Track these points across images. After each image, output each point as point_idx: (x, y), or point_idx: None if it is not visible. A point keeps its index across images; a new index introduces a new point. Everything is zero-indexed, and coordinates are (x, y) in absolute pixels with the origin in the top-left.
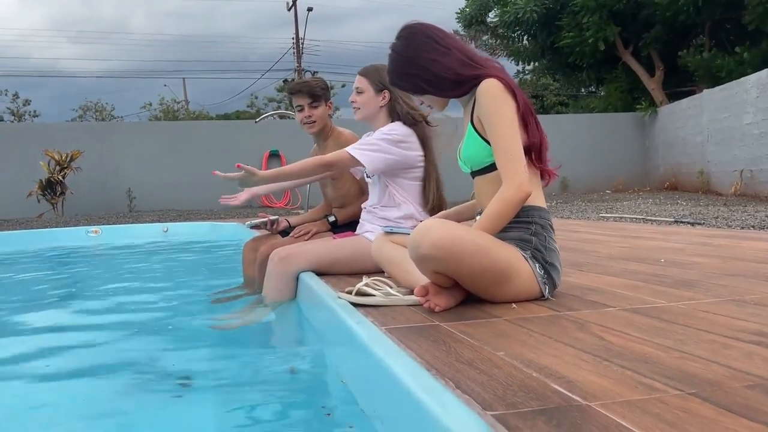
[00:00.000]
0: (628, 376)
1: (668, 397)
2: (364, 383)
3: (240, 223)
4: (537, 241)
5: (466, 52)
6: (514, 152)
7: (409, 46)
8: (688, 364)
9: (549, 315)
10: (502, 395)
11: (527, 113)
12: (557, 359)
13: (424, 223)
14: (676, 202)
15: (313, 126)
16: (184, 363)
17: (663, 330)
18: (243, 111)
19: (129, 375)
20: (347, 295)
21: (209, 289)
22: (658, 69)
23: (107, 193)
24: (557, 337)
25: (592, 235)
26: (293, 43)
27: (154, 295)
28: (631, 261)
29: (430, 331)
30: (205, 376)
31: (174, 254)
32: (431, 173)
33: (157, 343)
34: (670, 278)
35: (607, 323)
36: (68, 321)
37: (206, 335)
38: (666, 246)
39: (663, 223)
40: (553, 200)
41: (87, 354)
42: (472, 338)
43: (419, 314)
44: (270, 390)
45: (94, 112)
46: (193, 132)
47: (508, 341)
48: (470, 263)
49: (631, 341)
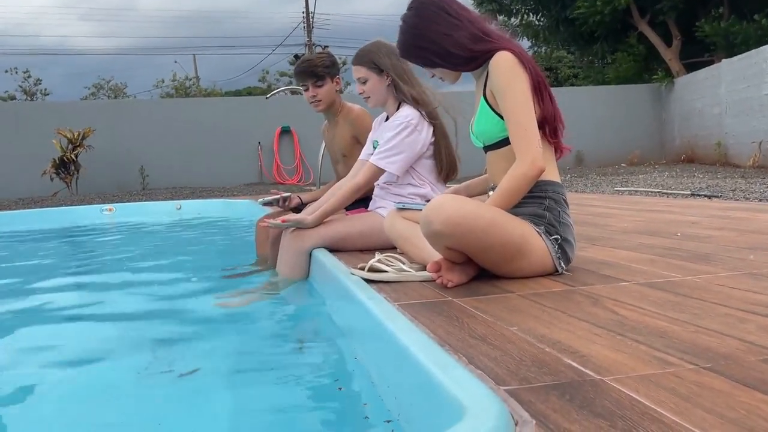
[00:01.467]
0: (642, 350)
1: (683, 371)
2: (377, 359)
3: (253, 200)
4: (551, 216)
5: (480, 25)
6: (528, 127)
7: (419, 17)
8: (702, 338)
9: (562, 290)
10: (515, 370)
11: (541, 86)
12: (571, 334)
13: (436, 199)
14: (693, 174)
15: (319, 105)
16: (194, 341)
17: (678, 304)
18: (254, 87)
19: (139, 355)
20: (360, 272)
21: (222, 267)
22: (675, 38)
23: (120, 171)
24: (571, 311)
25: (606, 209)
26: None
27: (167, 274)
28: (646, 235)
29: (442, 307)
30: (214, 353)
31: (187, 232)
32: (440, 143)
33: (168, 323)
34: (686, 252)
35: (622, 297)
36: (80, 300)
37: (217, 312)
38: (682, 219)
39: (679, 196)
40: (567, 174)
41: (97, 334)
42: (485, 314)
43: (432, 290)
44: (281, 366)
45: (107, 90)
46: (205, 109)
47: (521, 316)
48: (483, 239)
49: (645, 315)
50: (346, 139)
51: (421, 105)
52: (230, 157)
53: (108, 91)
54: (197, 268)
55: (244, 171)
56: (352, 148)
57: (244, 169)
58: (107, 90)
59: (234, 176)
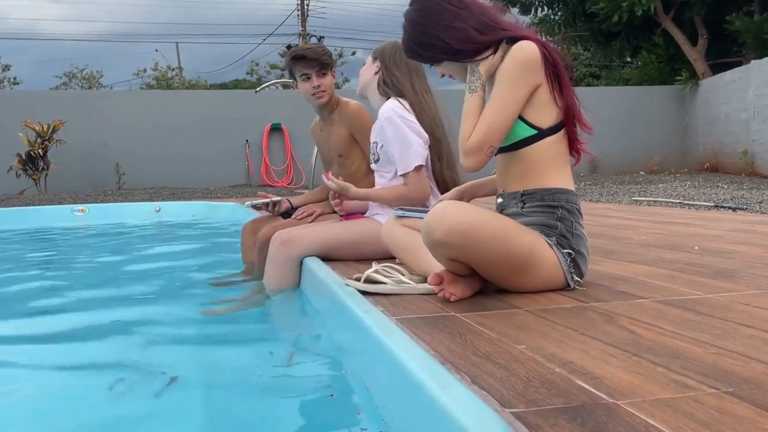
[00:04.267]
0: (659, 372)
1: (702, 396)
2: (373, 377)
3: (239, 203)
4: (563, 227)
5: (490, 15)
6: (491, 125)
7: (421, 11)
8: (725, 361)
9: (574, 306)
10: (522, 391)
11: (561, 78)
12: (583, 354)
13: (439, 205)
14: (717, 184)
15: (323, 96)
16: (174, 353)
17: (698, 323)
18: (242, 79)
19: (114, 367)
20: (355, 283)
21: (204, 275)
22: (701, 37)
23: (94, 169)
24: (583, 329)
25: (623, 220)
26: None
27: (144, 281)
28: (665, 249)
29: (444, 322)
30: (196, 366)
31: (167, 236)
32: (433, 149)
33: (145, 333)
34: (708, 268)
35: (638, 315)
36: (50, 308)
37: (199, 322)
38: (704, 233)
39: (701, 208)
40: (581, 182)
41: (69, 344)
42: (490, 330)
43: (433, 304)
44: (268, 381)
45: (80, 79)
46: (188, 102)
47: (529, 334)
48: (489, 250)
49: (663, 335)
50: (342, 137)
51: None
52: (215, 155)
53: (82, 81)
54: (177, 276)
55: (229, 171)
56: (349, 147)
57: (229, 170)
58: (81, 79)
59: (219, 177)
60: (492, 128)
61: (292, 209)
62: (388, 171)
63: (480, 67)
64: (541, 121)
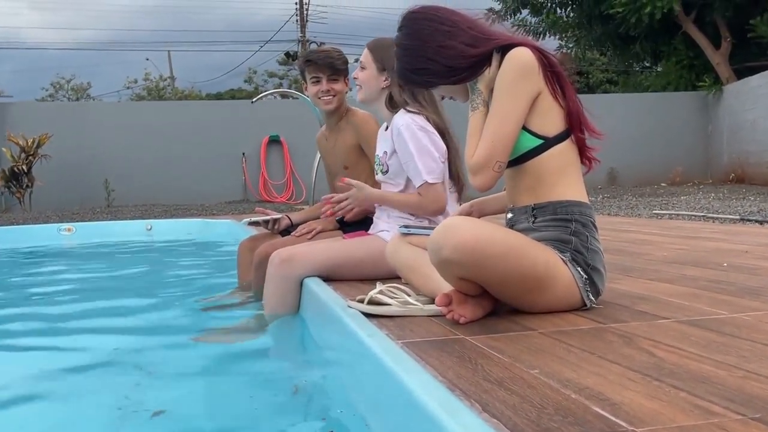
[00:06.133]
0: (682, 398)
1: (728, 422)
2: (378, 405)
3: (235, 220)
4: (577, 242)
5: (479, 28)
6: (495, 139)
7: (411, 36)
8: (752, 385)
9: (591, 327)
10: (535, 419)
11: (561, 81)
12: (600, 378)
13: (447, 221)
14: (743, 196)
15: (332, 102)
16: (164, 383)
17: (724, 345)
18: (238, 89)
19: (102, 396)
20: (359, 304)
21: (197, 297)
22: (724, 40)
23: (82, 185)
24: (600, 352)
25: (643, 234)
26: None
27: (134, 305)
28: (688, 265)
29: (453, 346)
30: (187, 397)
31: (159, 256)
32: (451, 150)
33: (133, 362)
34: (734, 285)
35: (659, 337)
36: (33, 333)
37: (193, 350)
38: (730, 248)
39: (727, 222)
40: (598, 194)
41: (52, 372)
42: (502, 354)
43: (441, 326)
44: (269, 413)
45: (68, 90)
46: (180, 114)
47: (543, 357)
48: (501, 268)
49: (686, 358)
50: (350, 146)
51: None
52: (210, 170)
53: (69, 92)
54: (170, 298)
55: (225, 186)
56: (356, 157)
57: (225, 185)
58: (68, 90)
59: (214, 192)
60: (496, 142)
61: (291, 226)
62: (397, 183)
63: (479, 84)
64: (547, 129)
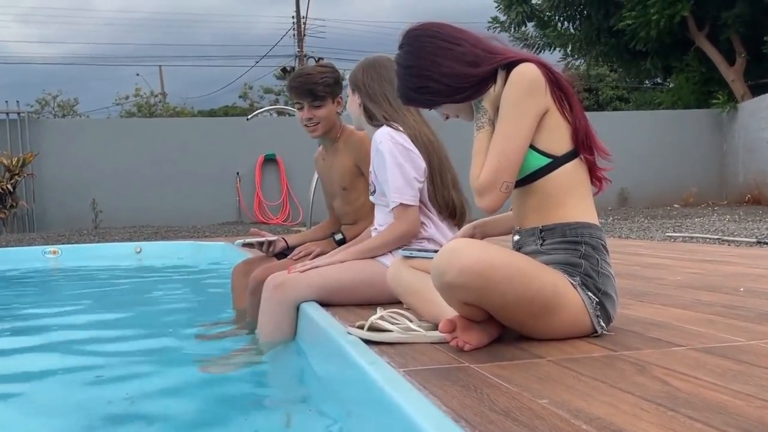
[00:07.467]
0: (697, 429)
1: None
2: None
3: (229, 242)
4: (587, 265)
5: (482, 45)
6: (502, 158)
7: (413, 53)
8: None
9: (603, 355)
10: None
11: (569, 96)
12: (612, 408)
13: (450, 243)
14: (760, 218)
15: (316, 130)
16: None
17: (741, 374)
18: (233, 105)
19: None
20: (359, 331)
21: (190, 325)
22: (739, 56)
23: (68, 206)
24: (612, 381)
25: (656, 258)
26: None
27: (122, 332)
28: (703, 290)
29: (458, 374)
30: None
31: (148, 281)
32: (434, 168)
33: (122, 391)
34: (751, 311)
35: (674, 365)
36: (16, 363)
37: (184, 381)
38: (746, 272)
39: (743, 245)
40: (608, 216)
41: (37, 405)
42: (509, 383)
43: (445, 353)
44: None
45: (54, 107)
46: (172, 131)
47: (552, 386)
48: (507, 293)
49: (701, 387)
50: (347, 167)
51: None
52: (202, 190)
53: (55, 108)
54: (159, 326)
55: (218, 207)
56: (354, 179)
57: (219, 206)
58: (54, 107)
59: (207, 213)
60: (502, 162)
61: (288, 249)
62: (387, 203)
63: (484, 102)
64: (555, 148)
